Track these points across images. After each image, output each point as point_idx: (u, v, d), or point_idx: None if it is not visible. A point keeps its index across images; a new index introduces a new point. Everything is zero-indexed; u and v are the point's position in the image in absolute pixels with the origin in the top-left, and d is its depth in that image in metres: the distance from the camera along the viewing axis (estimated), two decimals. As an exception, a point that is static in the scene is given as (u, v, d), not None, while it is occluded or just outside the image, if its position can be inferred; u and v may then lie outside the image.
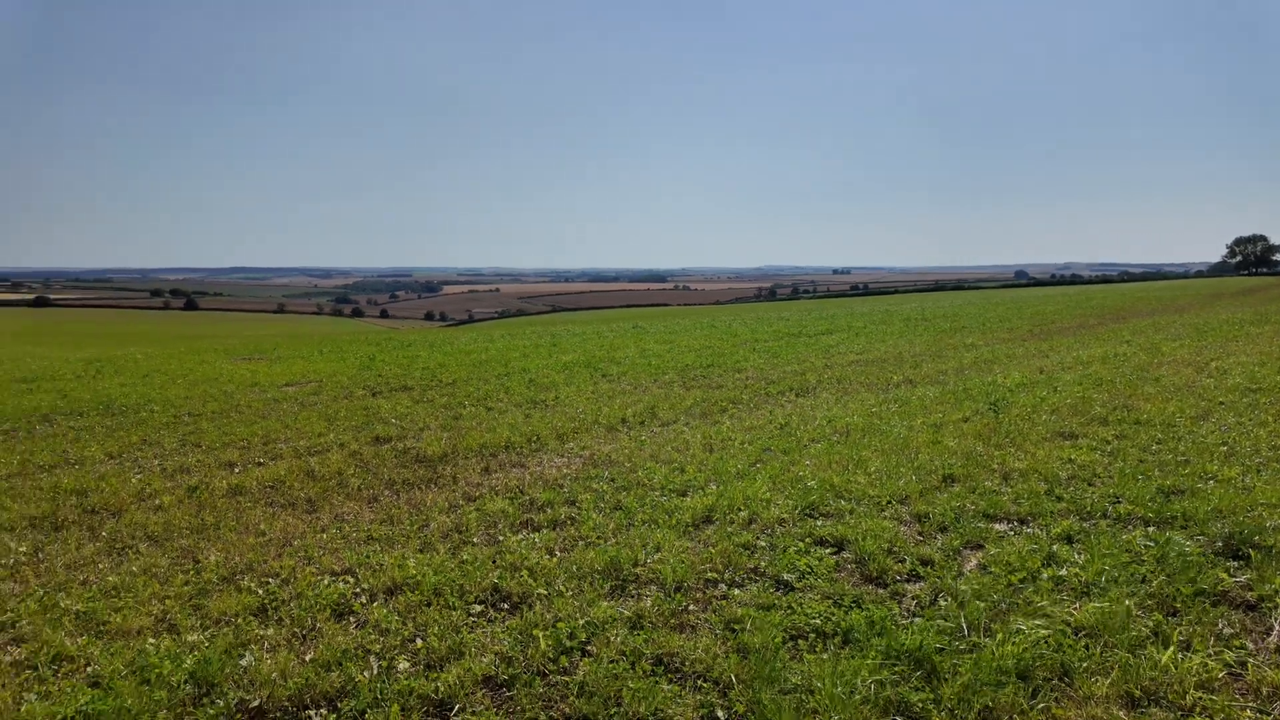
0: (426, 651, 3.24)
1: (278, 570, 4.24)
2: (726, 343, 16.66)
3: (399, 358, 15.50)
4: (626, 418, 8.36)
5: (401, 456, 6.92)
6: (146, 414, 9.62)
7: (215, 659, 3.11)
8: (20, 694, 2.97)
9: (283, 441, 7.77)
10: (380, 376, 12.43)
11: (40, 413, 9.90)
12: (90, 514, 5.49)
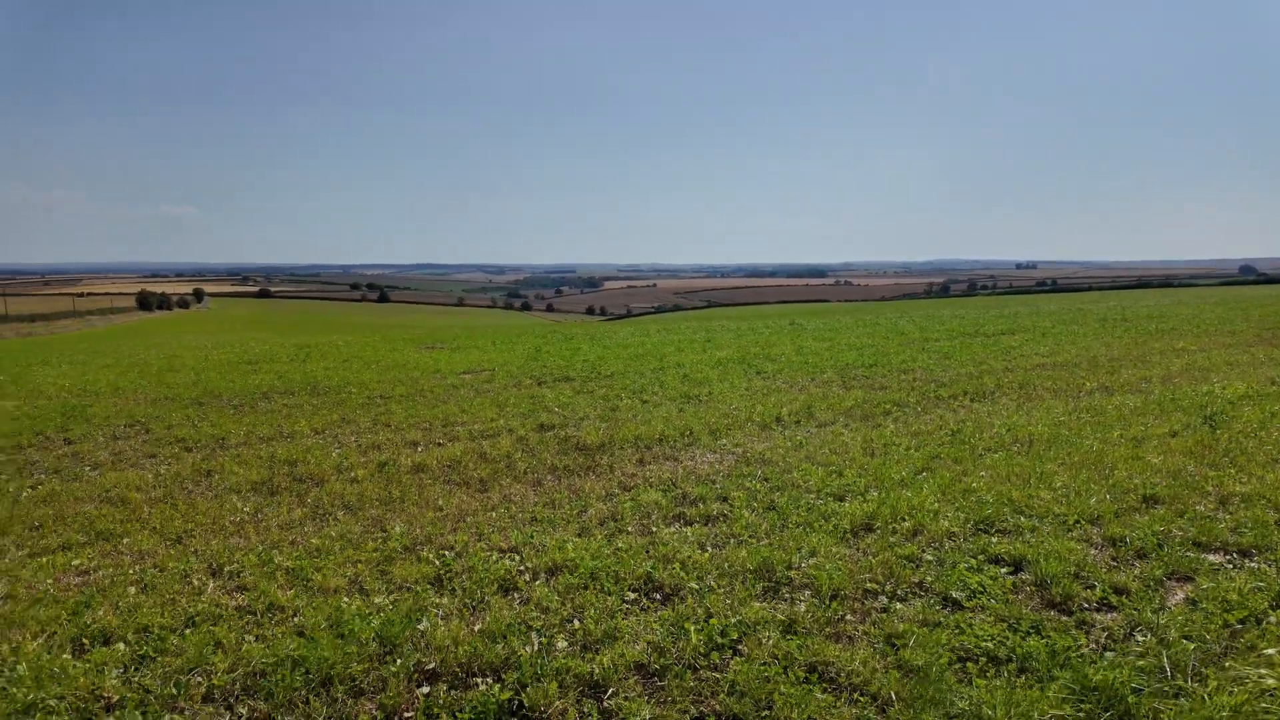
0: (583, 633, 3.37)
1: (453, 544, 4.59)
2: (892, 341, 15.85)
3: (562, 350, 16.21)
4: (781, 416, 8.20)
5: (563, 444, 7.22)
6: (345, 395, 10.76)
7: (398, 621, 3.42)
8: (242, 635, 3.43)
9: (459, 425, 8.38)
10: (545, 367, 13.06)
11: (261, 390, 11.37)
12: (299, 482, 6.23)
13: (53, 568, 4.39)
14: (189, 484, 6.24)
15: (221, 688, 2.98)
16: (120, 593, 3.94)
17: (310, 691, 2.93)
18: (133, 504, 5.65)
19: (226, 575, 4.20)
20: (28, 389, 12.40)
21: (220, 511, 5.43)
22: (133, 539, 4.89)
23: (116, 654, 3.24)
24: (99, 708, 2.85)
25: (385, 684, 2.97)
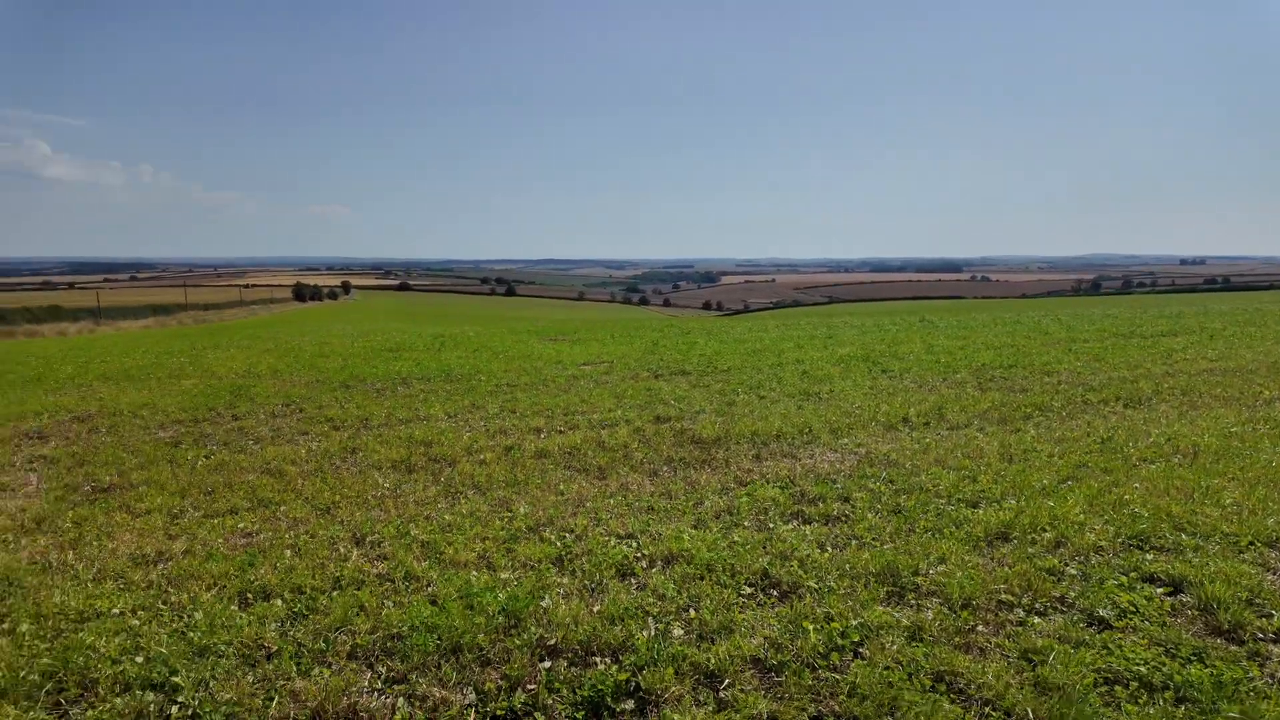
0: (699, 623, 3.38)
1: (573, 527, 4.73)
2: (1034, 341, 14.78)
3: (679, 344, 16.27)
4: (909, 417, 7.84)
5: (679, 436, 7.25)
6: (475, 382, 11.30)
7: (522, 597, 3.57)
8: (382, 600, 3.69)
9: (579, 414, 8.61)
10: (662, 361, 13.16)
11: (400, 376, 12.15)
12: (433, 462, 6.61)
13: (222, 529, 4.90)
14: (336, 460, 6.77)
15: (364, 647, 3.22)
16: (278, 555, 4.34)
17: (441, 657, 3.11)
18: (289, 476, 6.19)
19: (368, 544, 4.53)
20: (203, 370, 13.88)
21: (364, 486, 5.86)
22: (288, 507, 5.36)
23: (275, 609, 3.58)
24: (260, 656, 3.16)
25: (509, 655, 3.11)
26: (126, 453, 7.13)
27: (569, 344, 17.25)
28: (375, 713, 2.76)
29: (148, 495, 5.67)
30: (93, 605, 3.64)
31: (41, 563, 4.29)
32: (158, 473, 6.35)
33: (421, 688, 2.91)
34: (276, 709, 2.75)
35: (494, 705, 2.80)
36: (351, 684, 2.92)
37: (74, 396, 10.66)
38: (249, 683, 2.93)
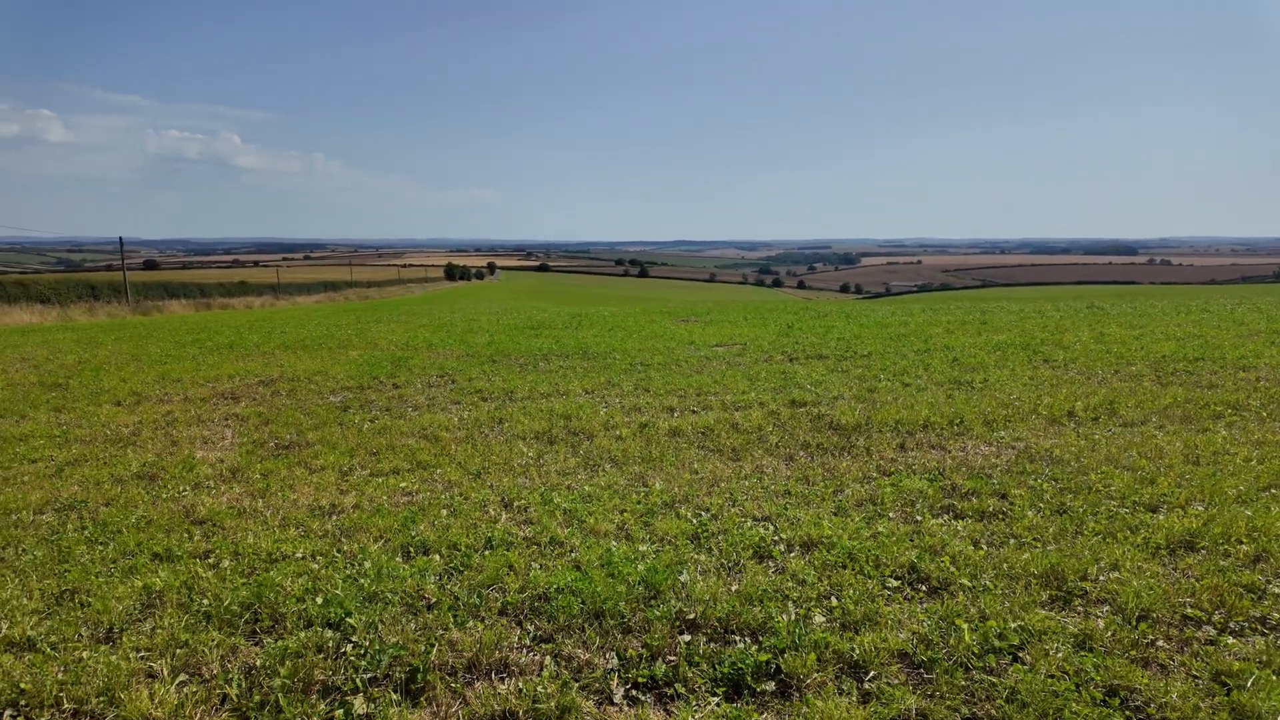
0: (841, 611, 3.28)
1: (708, 506, 4.73)
2: (1225, 332, 13.10)
3: (815, 327, 15.82)
4: (1074, 411, 7.20)
5: (816, 422, 7.06)
6: (611, 360, 11.55)
7: (661, 570, 3.62)
8: (529, 562, 3.87)
9: (712, 395, 8.59)
10: (797, 344, 12.85)
11: (542, 353, 12.64)
12: (573, 435, 6.83)
13: (386, 487, 5.32)
14: (485, 429, 7.15)
15: (514, 605, 3.39)
16: (435, 513, 4.65)
17: (585, 621, 3.22)
18: (443, 441, 6.62)
19: (515, 509, 4.76)
20: (367, 342, 15.09)
21: (509, 454, 6.16)
22: (443, 470, 5.73)
23: (434, 564, 3.84)
24: (421, 605, 3.41)
25: (649, 626, 3.16)
26: (303, 414, 7.89)
27: (701, 325, 17.23)
28: (525, 668, 2.91)
29: (322, 453, 6.25)
30: (279, 548, 4.07)
31: (237, 508, 4.85)
32: (330, 433, 6.98)
33: (567, 648, 3.03)
34: (436, 656, 2.95)
35: (635, 672, 2.86)
36: (503, 639, 3.08)
37: (259, 363, 11.93)
38: (411, 629, 3.16)
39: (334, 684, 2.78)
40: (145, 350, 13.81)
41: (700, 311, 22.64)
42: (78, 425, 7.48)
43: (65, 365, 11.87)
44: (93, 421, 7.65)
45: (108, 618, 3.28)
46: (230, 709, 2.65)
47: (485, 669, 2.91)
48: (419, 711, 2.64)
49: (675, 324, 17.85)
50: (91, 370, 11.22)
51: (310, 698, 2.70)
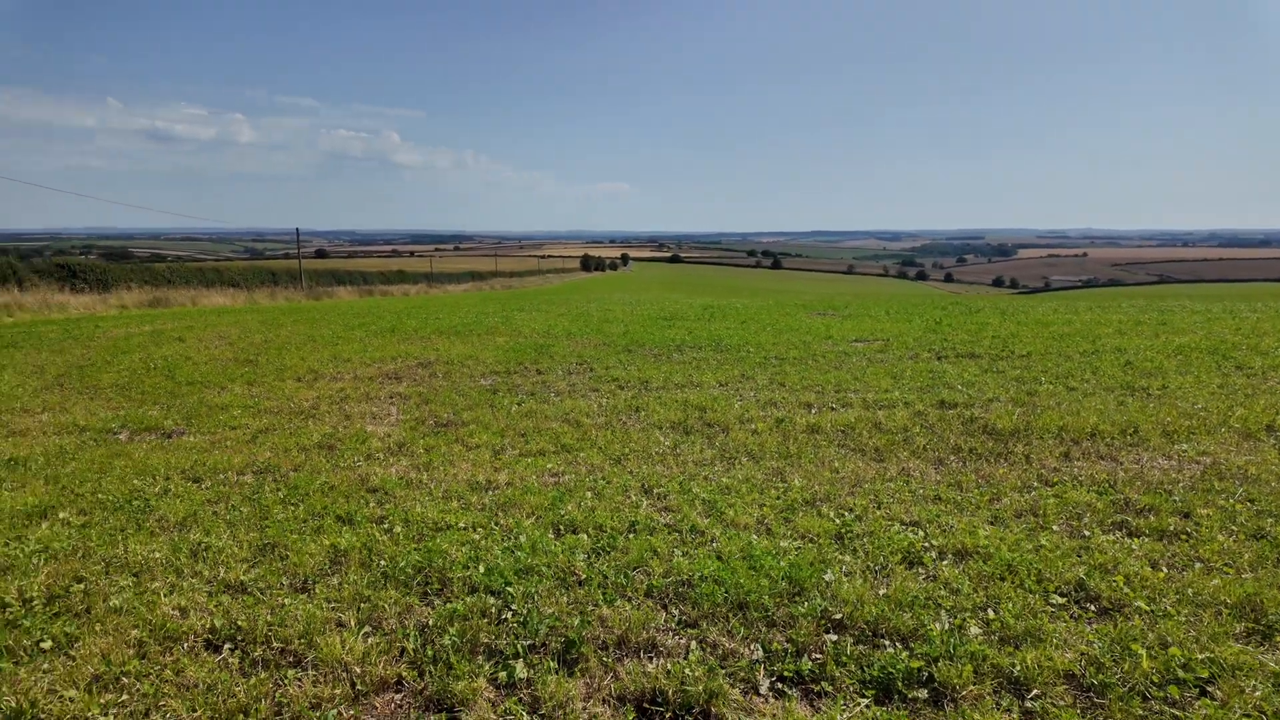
0: (1000, 625, 3.12)
1: (851, 506, 4.63)
2: None
3: (966, 323, 14.94)
4: (1275, 424, 6.39)
5: (968, 425, 6.70)
6: (744, 354, 11.49)
7: (804, 567, 3.59)
8: (671, 548, 3.96)
9: (852, 392, 8.35)
10: (946, 341, 12.20)
11: (675, 344, 12.77)
12: (708, 426, 6.88)
13: (535, 468, 5.60)
14: (623, 416, 7.35)
15: (659, 588, 3.50)
16: (581, 495, 4.86)
17: (729, 610, 3.27)
18: (584, 427, 6.87)
19: (655, 496, 4.87)
20: (511, 329, 15.87)
21: (647, 442, 6.30)
22: (586, 454, 5.96)
23: (582, 543, 4.02)
24: (573, 581, 3.58)
25: (794, 622, 3.16)
26: (458, 395, 8.44)
27: (839, 319, 16.73)
28: (671, 650, 3.00)
29: (476, 432, 6.67)
30: (444, 518, 4.41)
31: (405, 479, 5.28)
32: (482, 414, 7.43)
33: (712, 635, 3.09)
34: (589, 630, 3.11)
35: (781, 665, 2.87)
36: (650, 620, 3.19)
37: (418, 346, 12.86)
38: (565, 603, 3.34)
39: (497, 647, 2.99)
40: (319, 332, 15.25)
41: (837, 305, 21.98)
42: (267, 398, 8.41)
43: (254, 344, 13.36)
44: (278, 395, 8.57)
45: (302, 570, 3.70)
46: (408, 661, 2.92)
47: (634, 647, 3.03)
48: (575, 681, 2.79)
49: (811, 317, 17.45)
50: (275, 349, 12.55)
51: (476, 658, 2.93)
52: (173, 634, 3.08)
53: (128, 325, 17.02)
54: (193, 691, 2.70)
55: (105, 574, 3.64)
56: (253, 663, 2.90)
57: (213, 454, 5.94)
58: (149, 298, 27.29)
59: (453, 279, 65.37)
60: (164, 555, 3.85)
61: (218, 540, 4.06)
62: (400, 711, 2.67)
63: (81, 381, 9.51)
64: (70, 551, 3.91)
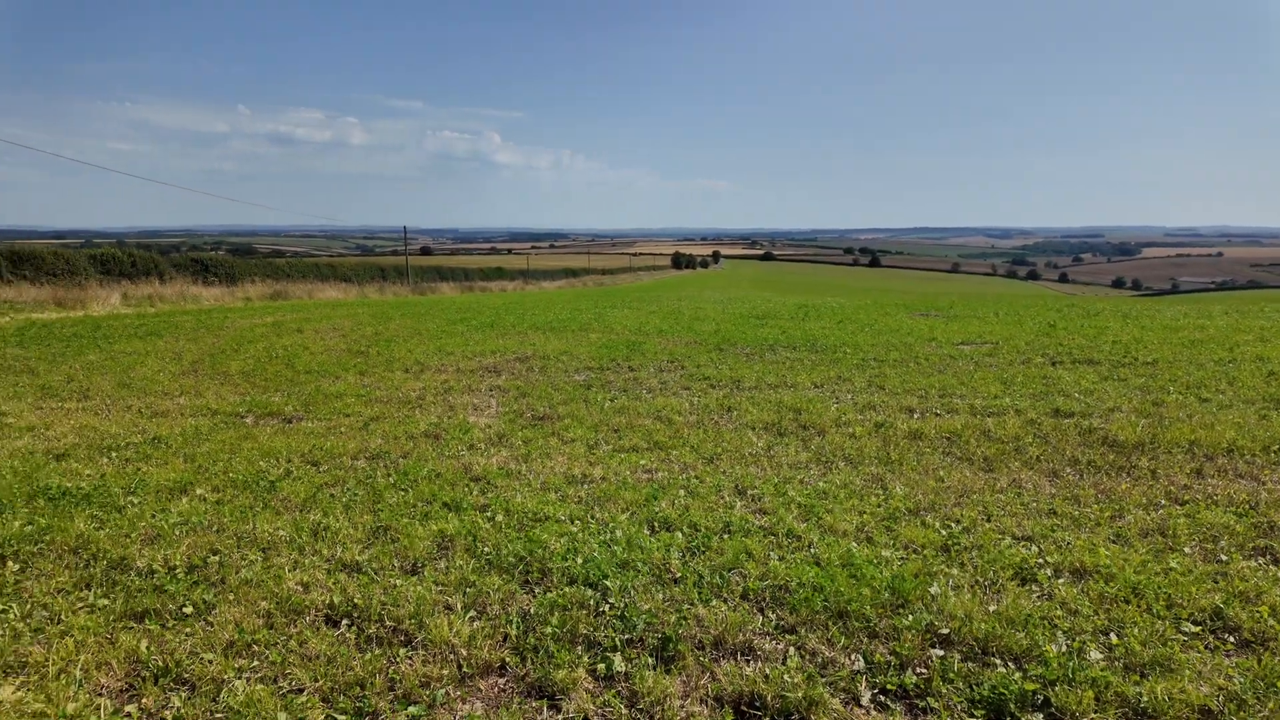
0: (1124, 651, 2.92)
1: (958, 517, 4.44)
2: None
3: (1083, 327, 14.02)
4: None
5: (1085, 436, 6.29)
6: (841, 354, 11.21)
7: (908, 578, 3.47)
8: (767, 551, 3.92)
9: (957, 397, 8.00)
10: (1061, 345, 11.50)
11: (768, 343, 12.61)
12: (803, 428, 6.76)
13: (629, 464, 5.66)
14: (715, 415, 7.32)
15: (755, 591, 3.46)
16: (674, 493, 4.88)
17: (829, 618, 3.20)
18: (676, 425, 6.89)
19: (750, 497, 4.83)
20: (604, 326, 16.09)
21: (740, 442, 6.25)
22: (678, 452, 5.97)
23: (677, 540, 4.04)
24: (668, 578, 3.60)
25: (898, 634, 3.06)
26: (553, 390, 8.64)
27: (943, 320, 16.06)
28: (769, 654, 2.96)
29: (571, 427, 6.81)
30: (543, 509, 4.52)
31: (505, 469, 5.46)
32: (576, 409, 7.58)
33: (810, 642, 3.03)
34: (685, 628, 3.12)
35: (884, 678, 2.79)
36: (746, 623, 3.17)
37: (515, 341, 13.25)
38: (660, 599, 3.36)
39: (596, 639, 3.05)
40: (424, 326, 15.95)
41: (941, 305, 21.10)
42: (377, 388, 8.87)
43: (365, 336, 14.11)
44: (388, 385, 9.02)
45: (412, 553, 3.89)
46: (510, 647, 3.02)
47: (731, 649, 3.01)
48: (672, 678, 2.81)
49: (912, 318, 16.84)
50: (384, 341, 13.22)
51: (576, 648, 2.99)
52: (296, 607, 3.30)
53: (252, 316, 18.34)
54: (315, 662, 2.88)
55: (237, 548, 3.94)
56: (368, 639, 3.08)
57: (329, 439, 6.31)
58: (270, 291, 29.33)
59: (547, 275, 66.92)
60: (288, 533, 4.13)
61: (335, 521, 4.32)
62: (503, 696, 2.76)
63: (213, 368, 10.32)
64: (206, 525, 4.25)
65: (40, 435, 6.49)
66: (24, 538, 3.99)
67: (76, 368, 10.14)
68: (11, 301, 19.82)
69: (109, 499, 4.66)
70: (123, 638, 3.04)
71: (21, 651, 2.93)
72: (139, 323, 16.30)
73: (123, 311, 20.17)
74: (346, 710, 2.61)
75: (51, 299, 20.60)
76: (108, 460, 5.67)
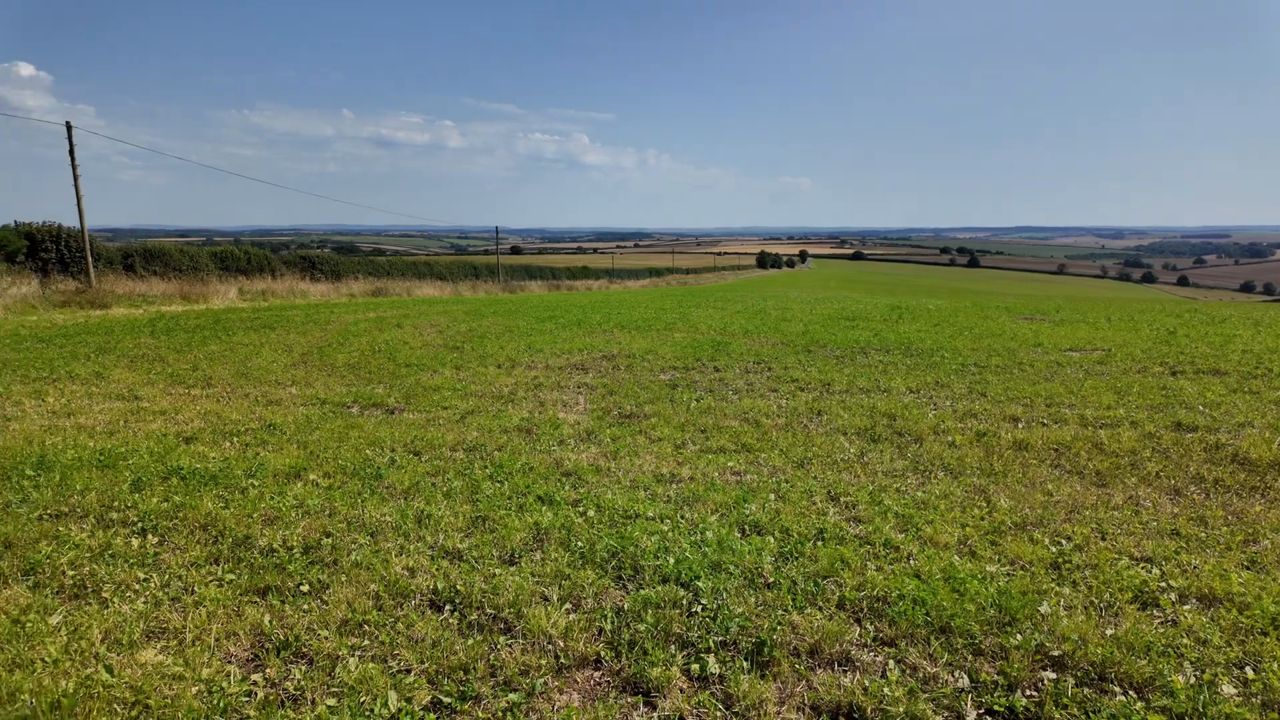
0: (1262, 687, 2.70)
1: (1069, 534, 4.20)
2: None
3: (1207, 334, 13.00)
4: None
5: (1211, 452, 5.84)
6: (938, 359, 10.80)
7: (1016, 596, 3.32)
8: (865, 561, 3.82)
9: (1066, 406, 7.57)
10: (1182, 354, 10.69)
11: (859, 345, 12.28)
12: (898, 435, 6.55)
13: (716, 465, 5.64)
14: (804, 419, 7.20)
15: (851, 601, 3.39)
16: (764, 497, 4.83)
17: (930, 633, 3.10)
18: (764, 427, 6.81)
19: (843, 504, 4.72)
20: (689, 325, 16.08)
21: (831, 447, 6.12)
22: (767, 455, 5.90)
23: (769, 545, 4.00)
24: (760, 583, 3.57)
25: (1005, 653, 2.93)
26: (640, 389, 8.70)
27: (1050, 325, 15.23)
28: (867, 666, 2.90)
29: (658, 426, 6.84)
30: (633, 507, 4.57)
31: (595, 465, 5.54)
32: (662, 408, 7.61)
33: (911, 656, 2.94)
34: (779, 634, 3.08)
35: (990, 698, 2.68)
36: (843, 633, 3.10)
37: (601, 339, 13.42)
38: (753, 603, 3.34)
39: (689, 639, 3.06)
40: (514, 323, 16.38)
41: (1047, 309, 20.01)
42: (472, 382, 9.17)
43: (460, 332, 14.62)
44: (482, 380, 9.31)
45: (509, 544, 4.01)
46: (605, 642, 3.07)
47: (827, 658, 2.96)
48: (767, 684, 2.78)
49: (1016, 322, 16.04)
50: (478, 337, 13.65)
51: (669, 647, 3.01)
52: (403, 591, 3.47)
53: (355, 312, 19.32)
54: (420, 645, 3.02)
55: (347, 531, 4.17)
56: (469, 625, 3.19)
57: (429, 431, 6.58)
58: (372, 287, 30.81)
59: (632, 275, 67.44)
60: (394, 519, 4.33)
61: (437, 509, 4.50)
62: (599, 689, 2.81)
63: (321, 360, 10.93)
64: (319, 509, 4.52)
65: (171, 419, 7.04)
66: (161, 514, 4.35)
67: (200, 357, 10.96)
68: (145, 295, 21.63)
69: (232, 480, 5.01)
70: (248, 611, 3.27)
71: (162, 618, 3.20)
72: (253, 316, 17.46)
73: (239, 305, 21.66)
74: (451, 693, 2.72)
75: (178, 293, 22.35)
76: (230, 444, 6.10)
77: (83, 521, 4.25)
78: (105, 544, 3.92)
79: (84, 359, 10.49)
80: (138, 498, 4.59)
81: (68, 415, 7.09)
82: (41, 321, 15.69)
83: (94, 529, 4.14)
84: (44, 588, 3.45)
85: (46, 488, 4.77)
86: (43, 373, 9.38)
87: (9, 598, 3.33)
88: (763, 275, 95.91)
